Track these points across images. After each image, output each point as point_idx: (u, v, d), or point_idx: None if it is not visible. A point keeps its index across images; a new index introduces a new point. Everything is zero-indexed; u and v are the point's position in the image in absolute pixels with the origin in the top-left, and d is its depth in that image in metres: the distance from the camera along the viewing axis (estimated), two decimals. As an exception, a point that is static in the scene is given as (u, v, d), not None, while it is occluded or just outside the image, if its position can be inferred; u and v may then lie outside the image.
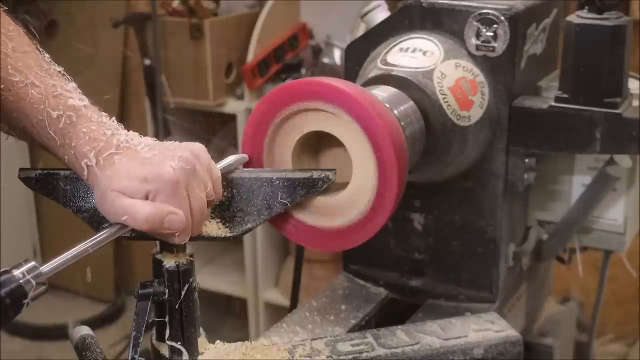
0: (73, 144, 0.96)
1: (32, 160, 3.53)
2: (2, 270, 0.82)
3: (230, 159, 1.14)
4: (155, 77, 3.12)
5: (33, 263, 0.85)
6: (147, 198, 0.95)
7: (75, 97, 0.98)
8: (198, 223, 1.01)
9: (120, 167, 0.96)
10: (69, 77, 1.00)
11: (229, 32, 3.16)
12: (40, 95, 0.95)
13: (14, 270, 0.83)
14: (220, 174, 1.07)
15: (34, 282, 0.83)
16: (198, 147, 1.03)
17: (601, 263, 1.68)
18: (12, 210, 3.67)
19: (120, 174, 0.95)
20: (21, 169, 1.05)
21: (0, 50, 0.94)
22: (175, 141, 1.03)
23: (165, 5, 3.16)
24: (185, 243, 1.01)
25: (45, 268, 0.86)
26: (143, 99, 3.32)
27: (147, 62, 3.14)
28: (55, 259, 0.89)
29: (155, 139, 1.03)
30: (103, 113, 1.01)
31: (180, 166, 0.97)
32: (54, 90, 0.96)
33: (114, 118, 1.01)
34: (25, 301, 0.83)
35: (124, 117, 3.66)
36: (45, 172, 1.04)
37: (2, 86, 0.94)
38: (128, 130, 1.01)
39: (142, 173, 0.95)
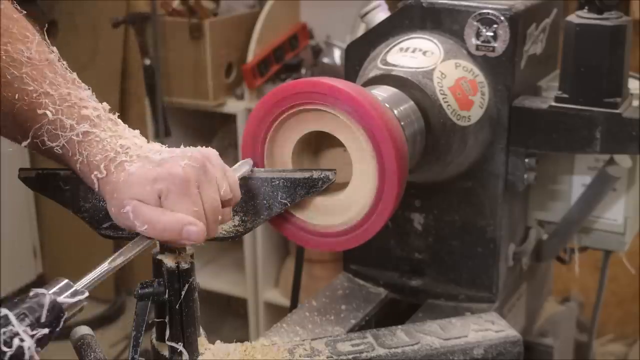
0: (85, 154, 0.96)
1: (32, 160, 3.52)
2: (35, 291, 0.81)
3: (237, 166, 1.14)
4: (156, 77, 3.12)
5: (66, 281, 0.84)
6: (159, 198, 0.95)
7: (89, 106, 0.98)
8: (212, 223, 1.00)
9: (131, 172, 0.95)
10: (84, 84, 1.00)
11: (229, 32, 3.16)
12: (54, 104, 0.95)
13: (47, 290, 0.81)
14: (236, 177, 1.06)
15: (69, 301, 0.82)
16: (208, 150, 1.02)
17: (601, 263, 1.68)
18: (12, 210, 3.67)
19: (133, 180, 0.94)
20: (21, 169, 1.05)
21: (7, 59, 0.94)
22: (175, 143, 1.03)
23: (165, 5, 3.16)
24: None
25: (79, 286, 0.85)
26: (143, 99, 3.32)
27: (147, 62, 3.14)
28: (88, 276, 0.88)
29: (164, 145, 1.03)
30: (118, 120, 1.00)
31: (190, 164, 0.96)
32: (68, 100, 0.96)
33: (126, 126, 1.01)
34: (62, 321, 0.81)
35: (124, 117, 3.65)
36: (45, 172, 1.04)
37: (17, 95, 0.94)
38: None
39: (152, 174, 0.95)
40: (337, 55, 3.13)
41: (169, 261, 0.99)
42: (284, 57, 3.20)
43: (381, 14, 1.50)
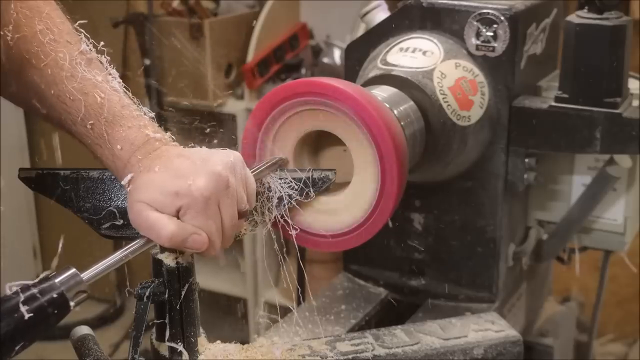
0: (108, 139, 0.96)
1: (32, 160, 3.52)
2: (43, 277, 0.82)
3: (267, 162, 1.14)
4: (152, 77, 3.11)
5: (74, 270, 0.84)
6: (178, 212, 0.94)
7: (117, 84, 0.99)
8: (229, 237, 1.00)
9: (152, 177, 0.94)
10: (110, 70, 1.00)
11: (229, 32, 3.16)
12: (82, 84, 0.96)
13: (55, 278, 0.82)
14: (255, 185, 1.05)
15: (75, 290, 0.83)
16: (235, 158, 1.00)
17: (601, 263, 1.68)
18: (12, 210, 3.66)
19: (152, 186, 0.94)
20: (21, 169, 1.05)
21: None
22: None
23: (165, 5, 3.16)
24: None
25: (86, 275, 0.86)
26: (143, 99, 3.32)
27: (147, 62, 3.14)
28: (94, 267, 0.88)
29: (193, 145, 1.02)
30: (142, 110, 1.00)
31: (213, 182, 0.95)
32: (95, 81, 0.97)
33: (147, 109, 1.00)
34: (68, 309, 0.82)
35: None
36: (45, 172, 1.04)
37: (42, 64, 0.95)
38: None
39: (174, 187, 0.93)
40: (337, 55, 3.12)
41: (169, 261, 0.99)
42: (284, 57, 3.20)
43: (381, 14, 1.50)
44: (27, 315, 0.77)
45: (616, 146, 1.37)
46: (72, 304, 0.83)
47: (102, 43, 1.02)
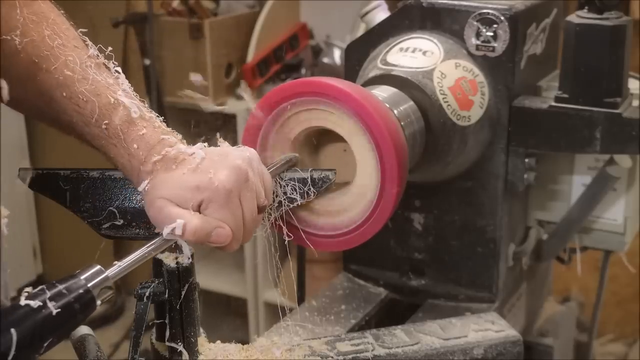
0: (123, 138, 0.95)
1: (32, 160, 3.52)
2: (69, 275, 0.82)
3: (281, 160, 1.14)
4: (152, 77, 3.11)
5: (99, 267, 0.84)
6: (199, 207, 0.94)
7: (127, 87, 0.99)
8: (250, 231, 1.00)
9: (172, 174, 0.94)
10: (121, 76, 1.00)
11: (229, 32, 3.16)
12: (94, 86, 0.95)
13: (80, 275, 0.82)
14: (271, 181, 1.05)
15: (100, 287, 0.83)
16: (251, 154, 1.01)
17: (601, 263, 1.68)
18: (12, 210, 3.66)
19: (172, 182, 0.94)
20: (21, 169, 1.05)
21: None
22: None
23: (165, 5, 3.16)
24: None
25: (111, 272, 0.86)
26: (143, 98, 3.31)
27: (147, 62, 3.14)
28: (118, 264, 0.88)
29: (205, 144, 1.01)
30: (153, 113, 1.00)
31: (234, 175, 0.95)
32: (106, 83, 0.97)
33: (156, 114, 1.00)
34: (94, 306, 0.82)
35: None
36: (45, 172, 1.04)
37: (52, 68, 0.94)
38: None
39: (195, 182, 0.94)
40: (337, 55, 3.12)
41: (169, 261, 0.99)
42: (284, 57, 3.20)
43: (381, 14, 1.50)
44: (54, 311, 0.77)
45: (616, 146, 1.37)
46: (98, 302, 0.83)
47: (109, 48, 1.01)
